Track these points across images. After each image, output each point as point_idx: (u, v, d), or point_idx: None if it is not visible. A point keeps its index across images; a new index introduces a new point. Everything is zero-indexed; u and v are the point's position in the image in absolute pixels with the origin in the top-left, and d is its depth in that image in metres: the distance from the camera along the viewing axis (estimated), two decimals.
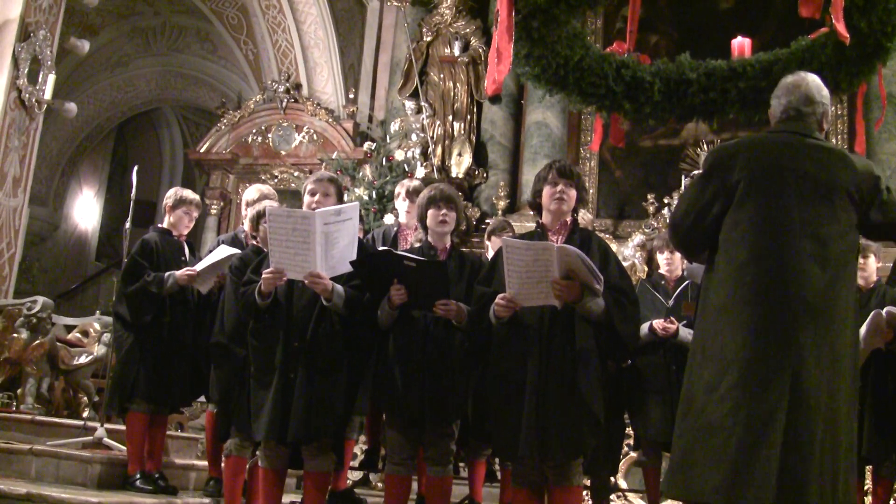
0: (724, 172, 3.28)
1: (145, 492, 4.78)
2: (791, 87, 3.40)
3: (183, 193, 5.30)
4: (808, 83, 3.39)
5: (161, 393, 4.97)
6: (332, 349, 3.98)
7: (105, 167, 16.72)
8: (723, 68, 5.28)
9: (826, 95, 3.41)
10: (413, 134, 10.13)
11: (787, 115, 3.38)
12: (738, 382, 3.03)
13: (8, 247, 7.65)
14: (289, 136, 11.50)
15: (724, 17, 10.16)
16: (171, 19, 13.49)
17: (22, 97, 7.61)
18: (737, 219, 3.22)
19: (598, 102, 5.40)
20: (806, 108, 3.35)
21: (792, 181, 3.18)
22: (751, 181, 3.22)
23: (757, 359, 3.04)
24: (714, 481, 2.98)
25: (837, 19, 4.32)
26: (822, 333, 3.05)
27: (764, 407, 2.98)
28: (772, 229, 3.15)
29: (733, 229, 3.23)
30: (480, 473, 5.22)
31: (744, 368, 3.04)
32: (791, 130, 3.33)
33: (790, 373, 2.99)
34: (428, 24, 10.87)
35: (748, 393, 3.01)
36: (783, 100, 3.40)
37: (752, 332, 3.07)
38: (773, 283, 3.10)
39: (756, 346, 3.05)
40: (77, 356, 7.11)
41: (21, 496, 4.24)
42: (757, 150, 3.32)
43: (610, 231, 9.78)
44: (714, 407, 3.06)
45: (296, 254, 3.81)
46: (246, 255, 4.73)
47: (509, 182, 10.35)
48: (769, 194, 3.19)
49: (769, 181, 3.20)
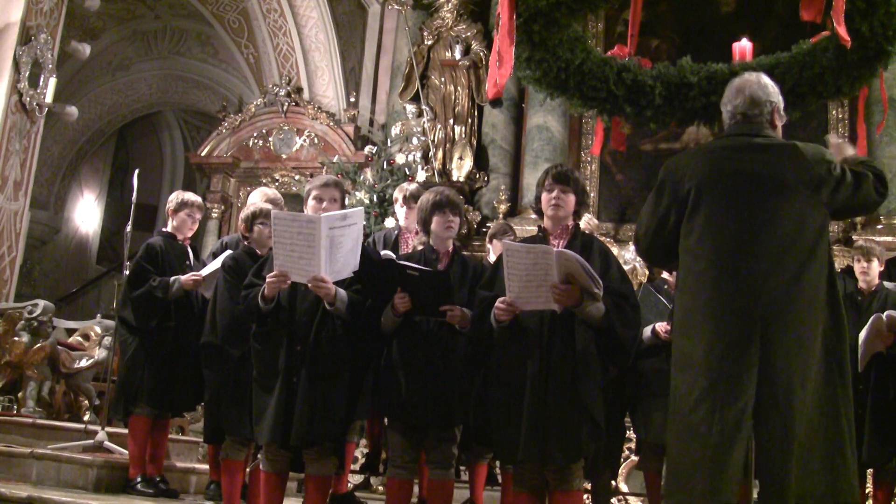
0: (676, 183, 3.34)
1: (146, 495, 4.78)
2: (735, 92, 3.45)
3: (185, 196, 5.30)
4: (752, 85, 3.43)
5: (165, 397, 4.98)
6: (334, 353, 3.98)
7: (106, 171, 16.72)
8: (724, 72, 5.28)
9: (773, 91, 3.44)
10: (414, 137, 10.13)
11: (734, 119, 3.43)
12: (707, 388, 3.08)
13: (9, 250, 7.64)
14: (290, 139, 11.50)
15: (725, 20, 10.16)
16: (172, 23, 13.50)
17: (23, 101, 7.61)
18: (691, 227, 3.28)
19: (599, 106, 5.40)
20: (751, 110, 3.39)
21: (741, 183, 3.22)
22: (700, 188, 3.27)
23: (723, 363, 3.08)
24: (700, 486, 3.02)
25: (839, 23, 4.32)
26: (785, 330, 3.07)
27: (734, 409, 3.02)
28: (725, 234, 3.19)
29: (688, 237, 3.28)
30: (481, 477, 5.22)
31: (712, 374, 3.09)
32: (738, 133, 3.37)
33: (756, 373, 3.03)
34: (429, 28, 10.88)
35: (718, 397, 3.05)
36: (729, 106, 3.45)
37: (716, 338, 3.11)
38: (731, 288, 3.13)
39: (720, 350, 3.09)
40: (78, 360, 7.11)
41: (22, 500, 4.24)
42: (705, 157, 3.38)
43: (611, 235, 9.77)
44: (691, 414, 3.11)
45: (300, 257, 3.80)
46: (239, 256, 4.72)
47: (510, 186, 10.35)
48: (719, 200, 3.23)
49: (718, 187, 3.25)
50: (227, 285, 4.53)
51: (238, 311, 4.27)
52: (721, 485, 2.98)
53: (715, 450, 3.01)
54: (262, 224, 4.68)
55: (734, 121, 3.42)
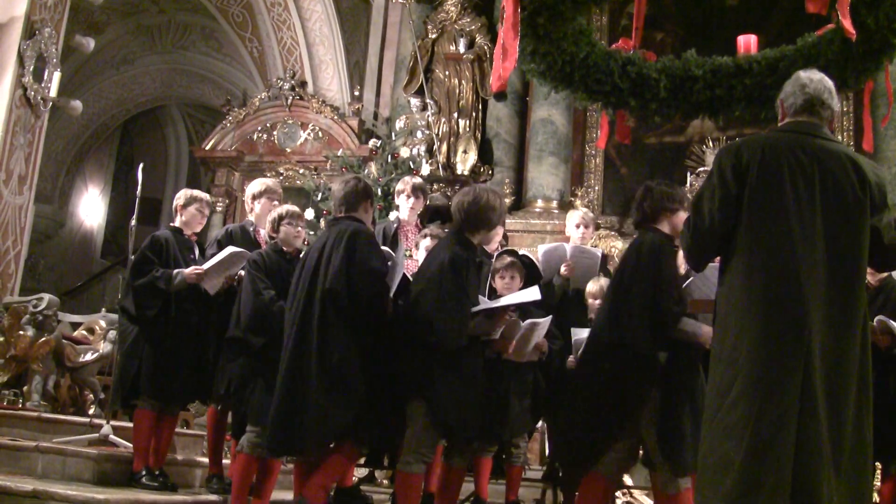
0: (741, 173, 3.17)
1: (151, 488, 4.78)
2: (800, 86, 3.32)
3: (194, 192, 5.36)
4: (819, 83, 3.32)
5: (165, 388, 4.97)
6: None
7: (110, 165, 16.75)
8: (729, 65, 5.27)
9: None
10: (418, 131, 10.13)
11: (797, 114, 3.30)
12: (748, 385, 3.00)
13: (14, 244, 7.65)
14: (294, 133, 11.50)
15: (730, 13, 10.14)
16: (176, 17, 13.51)
17: (27, 95, 7.61)
18: (750, 219, 3.14)
19: (603, 99, 5.39)
20: (820, 108, 3.27)
21: (809, 184, 3.11)
22: (766, 181, 3.13)
23: (768, 362, 3.00)
24: (724, 487, 2.95)
25: (844, 16, 4.31)
26: (830, 337, 3.02)
27: (776, 411, 2.94)
28: (786, 235, 3.08)
29: (746, 230, 3.15)
30: (486, 470, 5.22)
31: (755, 371, 3.00)
32: (802, 131, 3.26)
33: (801, 375, 2.96)
34: (433, 22, 10.87)
35: (759, 396, 2.97)
36: (798, 99, 3.31)
37: (763, 335, 3.02)
38: (783, 288, 3.04)
39: (768, 348, 3.01)
40: (83, 353, 7.12)
41: (27, 493, 4.24)
42: (770, 148, 3.20)
43: (615, 228, 9.77)
44: (726, 411, 3.03)
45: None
46: (267, 253, 4.84)
47: (514, 179, 10.35)
48: (784, 197, 3.11)
49: (785, 181, 3.12)
50: (252, 278, 4.68)
51: (259, 303, 4.56)
52: (748, 489, 2.90)
53: (748, 451, 2.92)
54: (288, 224, 4.85)
55: (795, 114, 3.31)
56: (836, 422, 2.99)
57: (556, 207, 9.90)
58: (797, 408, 2.94)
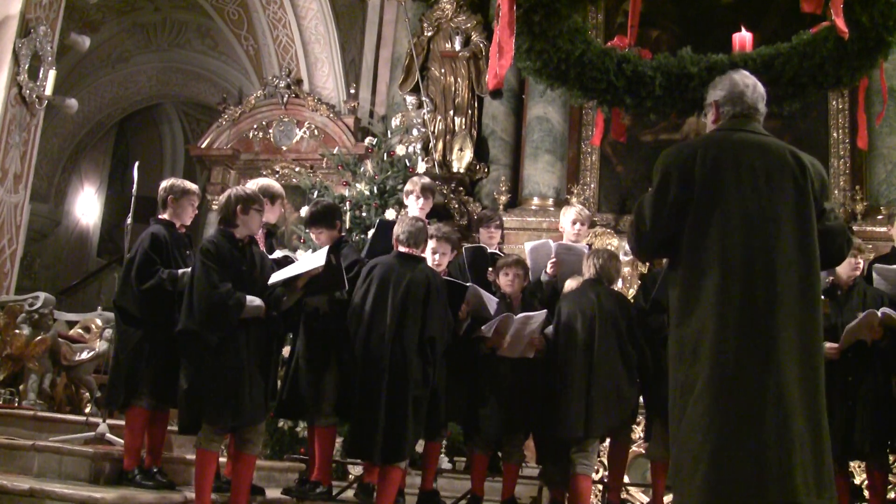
0: (685, 174, 3.25)
1: (146, 487, 4.77)
2: (731, 85, 3.48)
3: (185, 184, 5.28)
4: (750, 81, 3.46)
5: (168, 389, 4.95)
6: None
7: (106, 163, 16.72)
8: (724, 62, 5.26)
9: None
10: (414, 129, 10.13)
11: (734, 114, 3.43)
12: (712, 379, 3.02)
13: (9, 243, 7.65)
14: (290, 131, 11.49)
15: (725, 11, 10.13)
16: (171, 15, 13.48)
17: (22, 93, 7.61)
18: (698, 219, 3.20)
19: (599, 97, 5.39)
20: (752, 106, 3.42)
21: (757, 177, 3.20)
22: (713, 180, 3.21)
23: (730, 354, 3.02)
24: (696, 481, 2.96)
25: (837, 14, 4.31)
26: (793, 322, 3.05)
27: (741, 401, 2.97)
28: (739, 229, 3.13)
29: (696, 228, 3.20)
30: (482, 467, 5.23)
31: (717, 365, 3.02)
32: (741, 129, 3.36)
33: (768, 366, 2.99)
34: (429, 19, 10.87)
35: (724, 389, 2.99)
36: (731, 104, 3.46)
37: (722, 329, 3.05)
38: (740, 282, 3.08)
39: (729, 342, 3.03)
40: (79, 352, 7.12)
41: (24, 492, 4.24)
42: (714, 149, 3.30)
43: (611, 226, 9.78)
44: (691, 407, 3.04)
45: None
46: (219, 241, 4.61)
47: (510, 177, 10.36)
48: (733, 192, 3.18)
49: (732, 179, 3.21)
50: (206, 269, 4.46)
51: (216, 297, 4.35)
52: (719, 481, 2.93)
53: (715, 444, 2.94)
54: (257, 211, 4.69)
55: (733, 114, 3.41)
56: (809, 409, 3.01)
57: (552, 205, 9.91)
58: (765, 397, 2.96)
